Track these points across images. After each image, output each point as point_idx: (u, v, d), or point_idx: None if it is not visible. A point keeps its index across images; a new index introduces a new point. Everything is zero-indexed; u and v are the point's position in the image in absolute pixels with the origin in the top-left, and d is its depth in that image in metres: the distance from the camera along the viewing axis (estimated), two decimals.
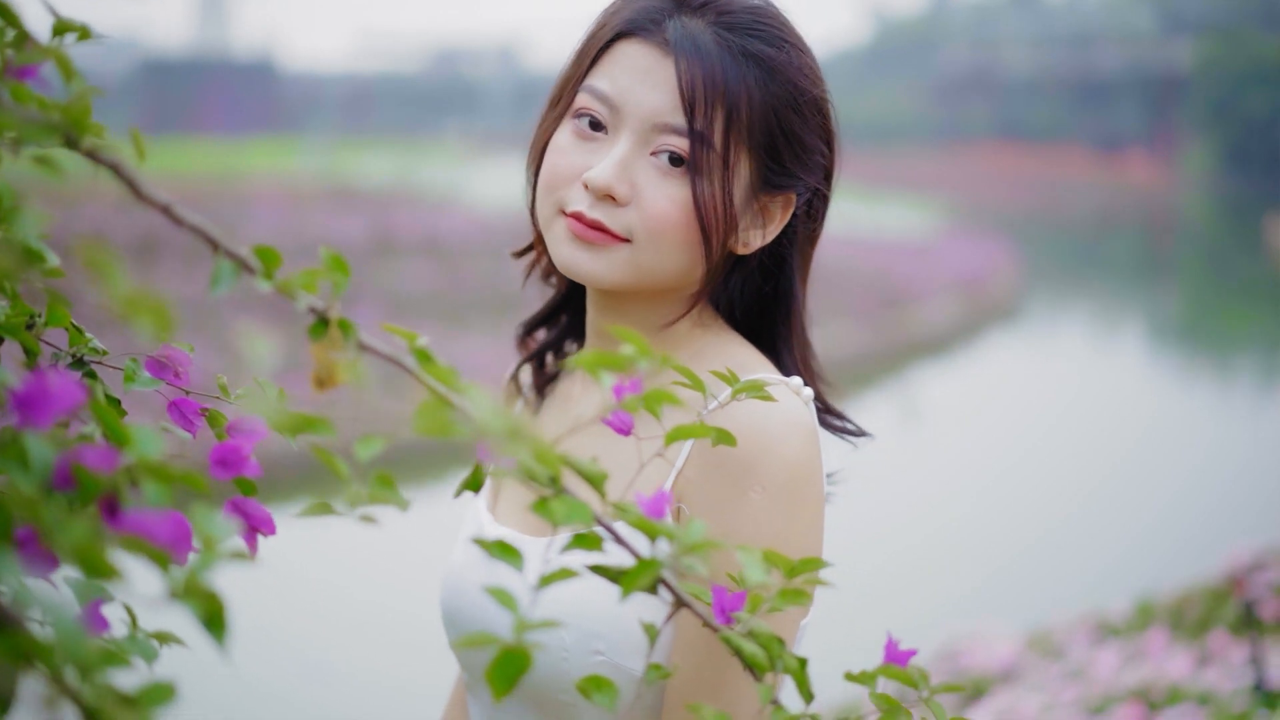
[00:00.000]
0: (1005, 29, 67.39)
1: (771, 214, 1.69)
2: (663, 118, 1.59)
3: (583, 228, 1.60)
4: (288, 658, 7.37)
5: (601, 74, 1.63)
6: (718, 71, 1.58)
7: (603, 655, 1.56)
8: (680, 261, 1.63)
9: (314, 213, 19.63)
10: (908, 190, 41.38)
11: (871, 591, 8.60)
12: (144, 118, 63.44)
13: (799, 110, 1.64)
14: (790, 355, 1.80)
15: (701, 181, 1.58)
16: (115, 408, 1.30)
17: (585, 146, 1.62)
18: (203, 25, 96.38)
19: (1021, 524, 10.16)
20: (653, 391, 1.13)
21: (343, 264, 1.10)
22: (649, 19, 1.61)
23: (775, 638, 1.15)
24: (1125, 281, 27.88)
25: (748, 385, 1.33)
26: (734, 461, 1.53)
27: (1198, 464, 12.21)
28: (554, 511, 1.09)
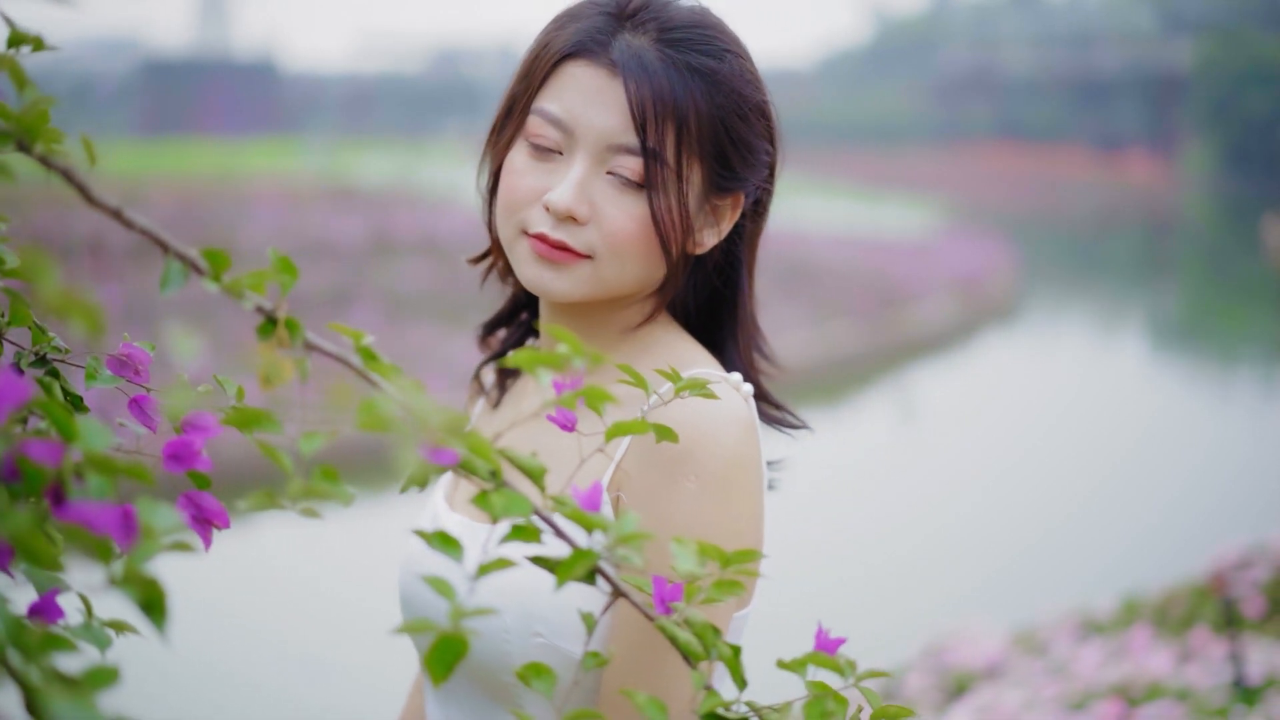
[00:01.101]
0: (1005, 29, 67.40)
1: (722, 214, 1.75)
2: (616, 138, 1.64)
3: (548, 248, 1.66)
4: (277, 654, 7.41)
5: (551, 96, 1.68)
6: (665, 89, 1.64)
7: (542, 638, 1.61)
8: (640, 271, 1.70)
9: (313, 213, 19.66)
10: (908, 190, 41.39)
11: (869, 591, 8.65)
12: (144, 118, 63.48)
13: (744, 117, 1.70)
14: (737, 348, 1.86)
15: (658, 196, 1.64)
16: (77, 405, 1.35)
17: (541, 168, 1.68)
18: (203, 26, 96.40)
19: (1019, 524, 10.20)
20: (590, 389, 1.18)
21: (290, 266, 1.14)
22: (593, 40, 1.67)
23: (710, 626, 1.19)
24: (1125, 281, 27.91)
25: (690, 383, 1.38)
26: (669, 453, 1.57)
27: (1196, 463, 12.25)
28: (493, 504, 1.14)
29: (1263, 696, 4.19)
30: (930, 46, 69.15)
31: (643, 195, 1.65)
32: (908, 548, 9.57)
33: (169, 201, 20.10)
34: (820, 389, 15.11)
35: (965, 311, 19.47)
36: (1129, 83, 56.96)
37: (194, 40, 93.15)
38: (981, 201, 39.55)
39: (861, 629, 7.61)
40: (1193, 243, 36.31)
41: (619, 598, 1.19)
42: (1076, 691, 4.50)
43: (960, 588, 8.67)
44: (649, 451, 1.58)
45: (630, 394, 1.60)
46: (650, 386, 1.37)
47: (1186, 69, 51.92)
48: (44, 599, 1.10)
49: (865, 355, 16.56)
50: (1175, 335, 22.16)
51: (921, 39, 71.58)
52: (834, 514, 10.45)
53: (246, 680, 7.09)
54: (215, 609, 8.05)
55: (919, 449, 12.82)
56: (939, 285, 19.66)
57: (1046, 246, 32.05)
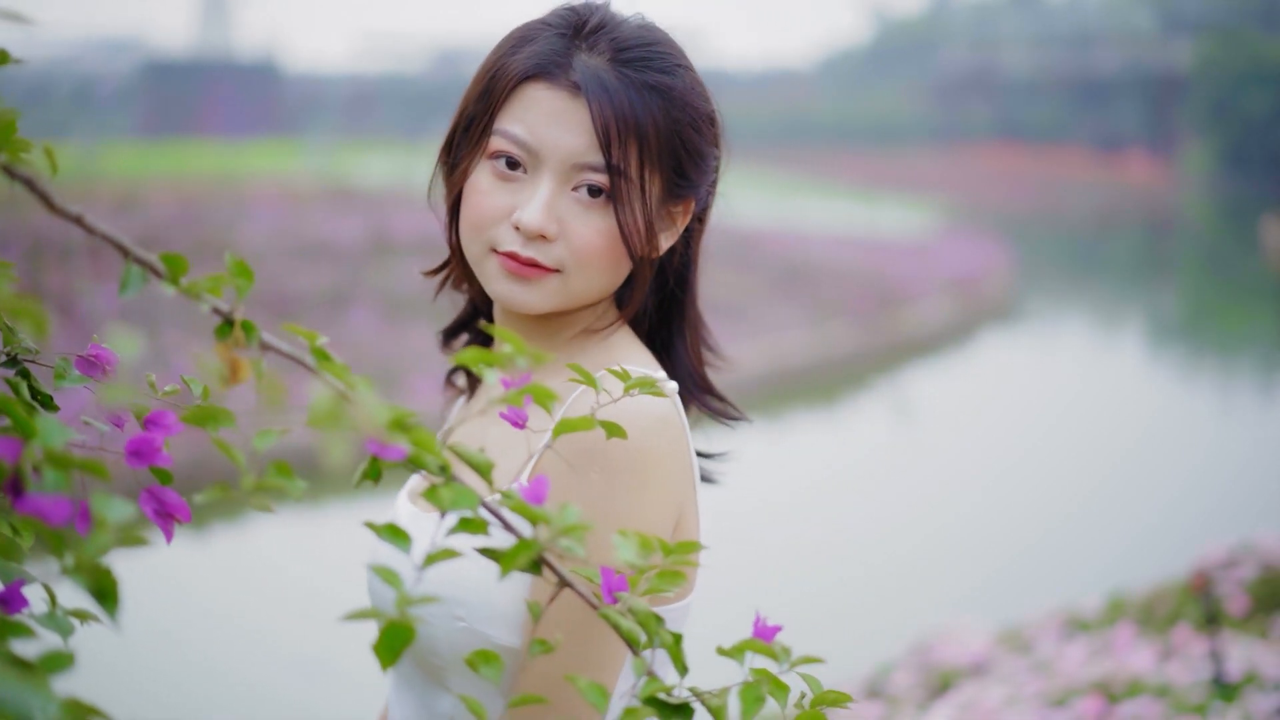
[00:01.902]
0: (1005, 29, 67.39)
1: (677, 218, 1.84)
2: (581, 157, 1.72)
3: (518, 266, 1.74)
4: (273, 654, 7.45)
5: (513, 118, 1.75)
6: (626, 108, 1.71)
7: (464, 622, 1.69)
8: (605, 282, 1.78)
9: (312, 214, 19.70)
10: (907, 190, 41.42)
11: (866, 590, 8.69)
12: (146, 119, 63.50)
13: (697, 128, 1.79)
14: (685, 343, 1.94)
15: (624, 210, 1.73)
16: (47, 403, 1.40)
17: (506, 187, 1.75)
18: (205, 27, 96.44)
19: (1016, 524, 10.24)
20: (534, 387, 1.23)
21: (246, 270, 1.19)
22: (552, 62, 1.74)
23: (653, 615, 1.24)
24: (1124, 281, 27.94)
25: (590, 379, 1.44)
26: (578, 446, 1.63)
27: (1195, 463, 12.28)
28: (442, 498, 1.19)
29: (1241, 693, 4.24)
30: (930, 47, 69.14)
31: (608, 210, 1.73)
32: (905, 548, 9.61)
33: (168, 202, 20.13)
34: (817, 389, 15.16)
35: (963, 312, 19.51)
36: (1128, 83, 56.95)
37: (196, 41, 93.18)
38: (981, 202, 39.58)
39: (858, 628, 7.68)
40: (1192, 243, 36.34)
41: (564, 587, 1.25)
42: (1058, 688, 4.54)
43: (957, 588, 8.72)
44: (562, 446, 1.63)
45: (562, 391, 1.68)
46: (599, 384, 1.44)
47: (1186, 69, 51.92)
48: (8, 589, 1.15)
49: (862, 355, 16.61)
50: (1174, 335, 22.19)
51: (921, 39, 71.57)
52: (831, 514, 10.50)
53: (243, 680, 7.13)
54: (211, 610, 8.09)
55: (916, 449, 12.86)
56: (937, 285, 19.70)
57: (1046, 247, 32.09)
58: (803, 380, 15.34)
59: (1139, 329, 22.52)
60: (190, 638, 7.70)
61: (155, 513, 1.27)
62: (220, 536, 9.44)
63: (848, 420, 14.39)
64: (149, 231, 17.19)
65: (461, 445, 1.22)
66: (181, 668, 7.33)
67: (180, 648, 7.57)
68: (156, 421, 1.25)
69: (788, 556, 9.43)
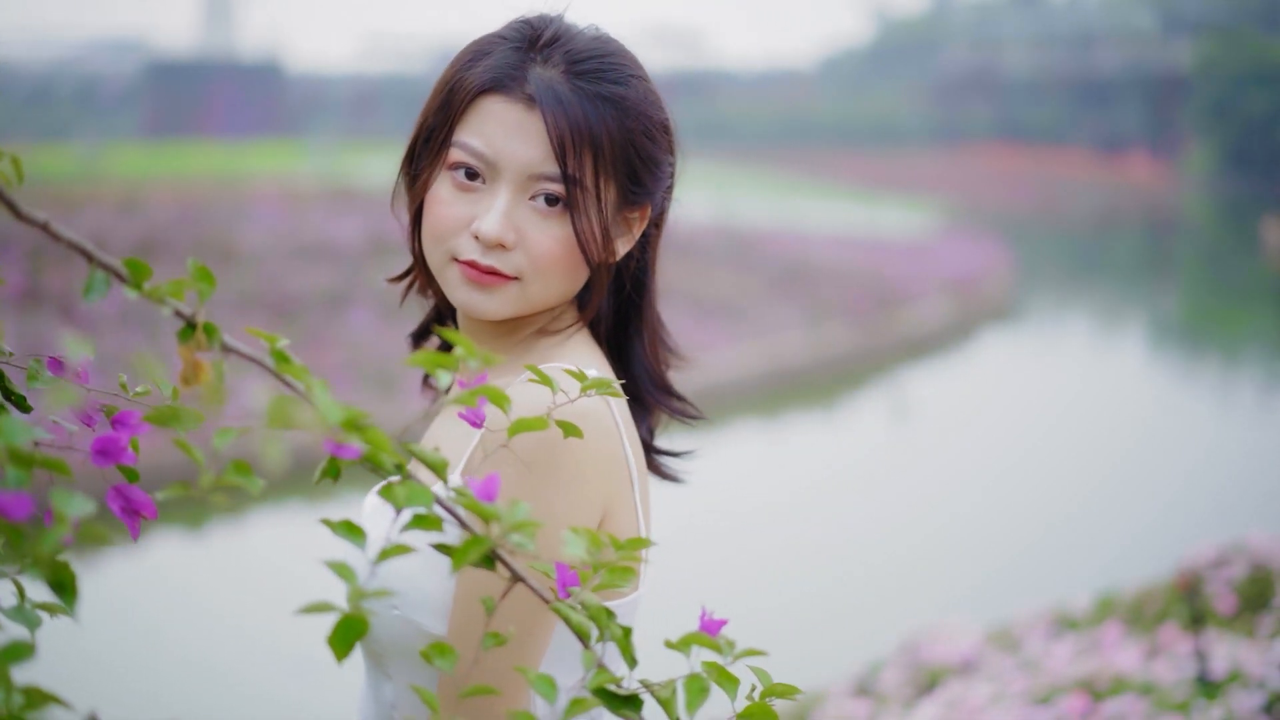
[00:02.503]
0: (1006, 29, 67.32)
1: (633, 224, 1.90)
2: (538, 168, 1.78)
3: (478, 274, 1.80)
4: (269, 654, 7.47)
5: (471, 130, 1.81)
6: (580, 119, 1.77)
7: (398, 611, 1.75)
8: (563, 288, 1.85)
9: (312, 214, 19.74)
10: (907, 191, 41.44)
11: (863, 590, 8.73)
12: (150, 120, 63.54)
13: (651, 136, 1.86)
14: (643, 344, 2.00)
15: (580, 219, 1.79)
16: (21, 404, 1.44)
17: (466, 198, 1.81)
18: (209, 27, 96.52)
19: (1014, 524, 10.27)
20: (487, 388, 1.28)
21: (208, 274, 1.23)
22: (508, 75, 1.80)
23: (604, 610, 1.28)
24: (1125, 282, 27.96)
25: (542, 376, 1.49)
26: (499, 439, 1.66)
27: (1196, 463, 12.32)
28: (397, 495, 1.23)
29: (1224, 691, 4.27)
30: (931, 47, 69.13)
31: (564, 218, 1.79)
32: (902, 548, 9.64)
33: (169, 203, 20.17)
34: (815, 389, 15.20)
35: (961, 312, 19.53)
36: (1129, 83, 56.96)
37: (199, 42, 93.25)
38: (981, 202, 39.60)
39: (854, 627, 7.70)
40: (1193, 243, 36.37)
41: (516, 582, 1.29)
42: (1043, 686, 4.57)
43: (954, 587, 8.75)
44: (487, 439, 1.69)
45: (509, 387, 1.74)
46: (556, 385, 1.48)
47: (1187, 69, 51.94)
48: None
49: (860, 356, 16.65)
50: (1175, 335, 22.22)
51: (922, 39, 71.55)
52: (829, 514, 10.54)
53: (240, 680, 7.16)
54: (209, 609, 8.12)
55: (914, 450, 12.89)
56: (935, 286, 19.73)
57: (1046, 247, 32.13)
58: (801, 380, 15.37)
59: (1139, 329, 22.55)
60: (188, 637, 7.73)
61: (122, 510, 1.31)
62: (216, 536, 9.49)
63: (846, 421, 14.43)
64: (150, 232, 17.24)
65: (415, 445, 1.26)
66: (179, 668, 7.37)
67: (178, 648, 7.61)
68: (123, 421, 1.29)
69: (785, 556, 9.47)
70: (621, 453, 1.81)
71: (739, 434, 13.39)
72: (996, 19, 69.60)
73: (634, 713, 1.28)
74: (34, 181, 26.40)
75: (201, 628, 7.83)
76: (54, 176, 27.29)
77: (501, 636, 1.32)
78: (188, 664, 7.33)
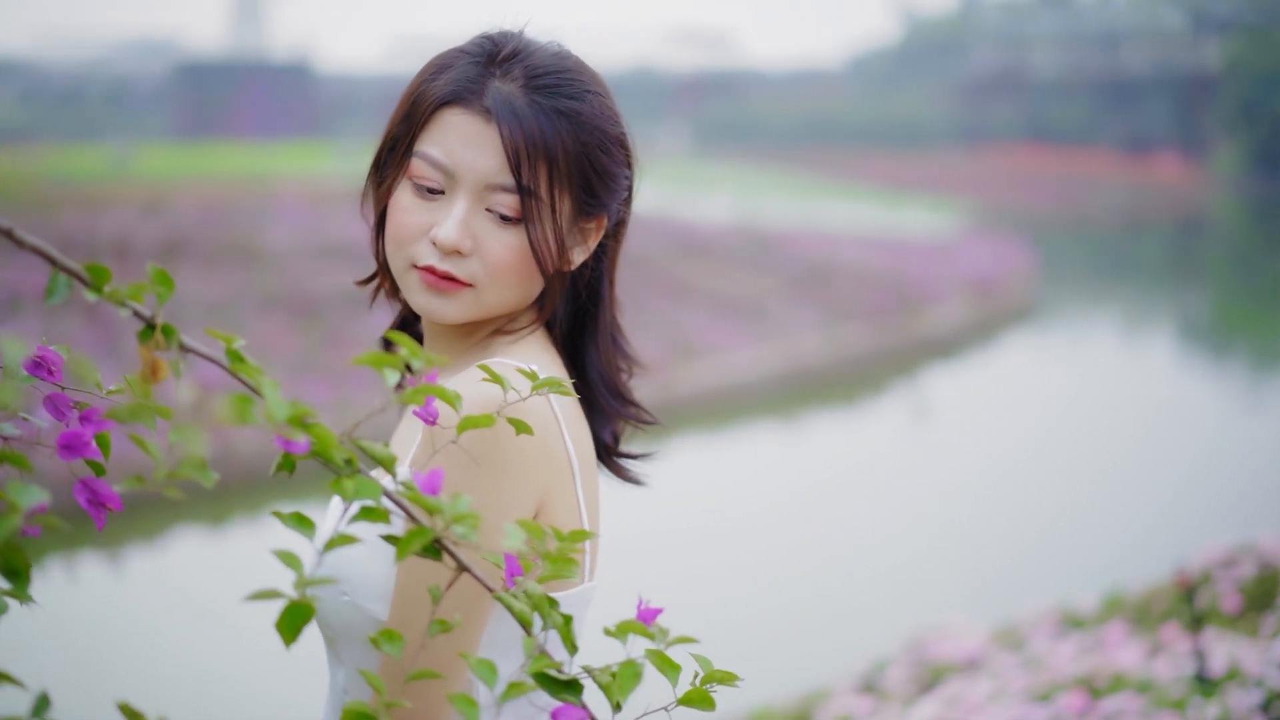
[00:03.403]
0: (1035, 28, 67.12)
1: (589, 234, 1.98)
2: (493, 178, 1.86)
3: (435, 279, 1.88)
4: (267, 654, 7.48)
5: (432, 141, 1.89)
6: (535, 132, 1.85)
7: (348, 598, 1.83)
8: (519, 294, 1.93)
9: (337, 215, 19.86)
10: (932, 192, 41.40)
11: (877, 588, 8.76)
12: (180, 121, 63.83)
13: (606, 150, 1.93)
14: (597, 350, 2.07)
15: (534, 228, 1.87)
16: None
17: (426, 206, 1.89)
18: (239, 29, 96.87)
19: (1030, 522, 10.28)
20: (433, 386, 1.34)
21: (166, 278, 1.29)
22: (467, 89, 1.88)
23: (546, 598, 1.35)
24: (1153, 283, 27.86)
25: (494, 375, 1.56)
26: (439, 433, 1.77)
27: (1220, 462, 12.29)
28: (345, 488, 1.30)
29: (1221, 689, 4.31)
30: (959, 46, 69.05)
31: (519, 228, 1.87)
32: (919, 545, 9.67)
33: (194, 204, 20.31)
34: (834, 390, 15.23)
35: (982, 313, 19.52)
36: (1157, 83, 56.82)
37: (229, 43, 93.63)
38: (1006, 203, 39.53)
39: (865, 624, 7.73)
40: (1221, 243, 36.25)
41: (462, 571, 1.35)
42: (1043, 683, 4.61)
43: (968, 585, 8.78)
44: (428, 435, 1.79)
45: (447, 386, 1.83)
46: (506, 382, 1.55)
47: (1215, 69, 51.79)
48: None
49: (879, 356, 16.66)
50: (1203, 336, 22.16)
51: (951, 39, 71.45)
52: (841, 514, 10.57)
53: (238, 680, 7.17)
54: (205, 610, 8.14)
55: (932, 450, 12.91)
56: (956, 286, 19.71)
57: (1071, 248, 32.06)
58: (820, 381, 15.40)
59: (1167, 330, 22.49)
60: (184, 638, 7.75)
61: (88, 502, 1.38)
62: (212, 537, 9.54)
63: (864, 421, 14.45)
64: (174, 233, 17.35)
65: (364, 440, 1.32)
66: (174, 669, 7.40)
67: (172, 648, 7.62)
68: (88, 418, 1.35)
69: (799, 554, 9.52)
70: (561, 447, 1.88)
71: (756, 434, 13.44)
72: (1025, 18, 69.36)
73: (574, 697, 1.34)
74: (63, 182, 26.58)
75: (200, 630, 7.85)
76: (83, 177, 27.47)
77: (448, 623, 1.38)
78: (185, 666, 7.35)
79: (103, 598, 8.52)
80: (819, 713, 5.18)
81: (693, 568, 9.21)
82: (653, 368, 2.25)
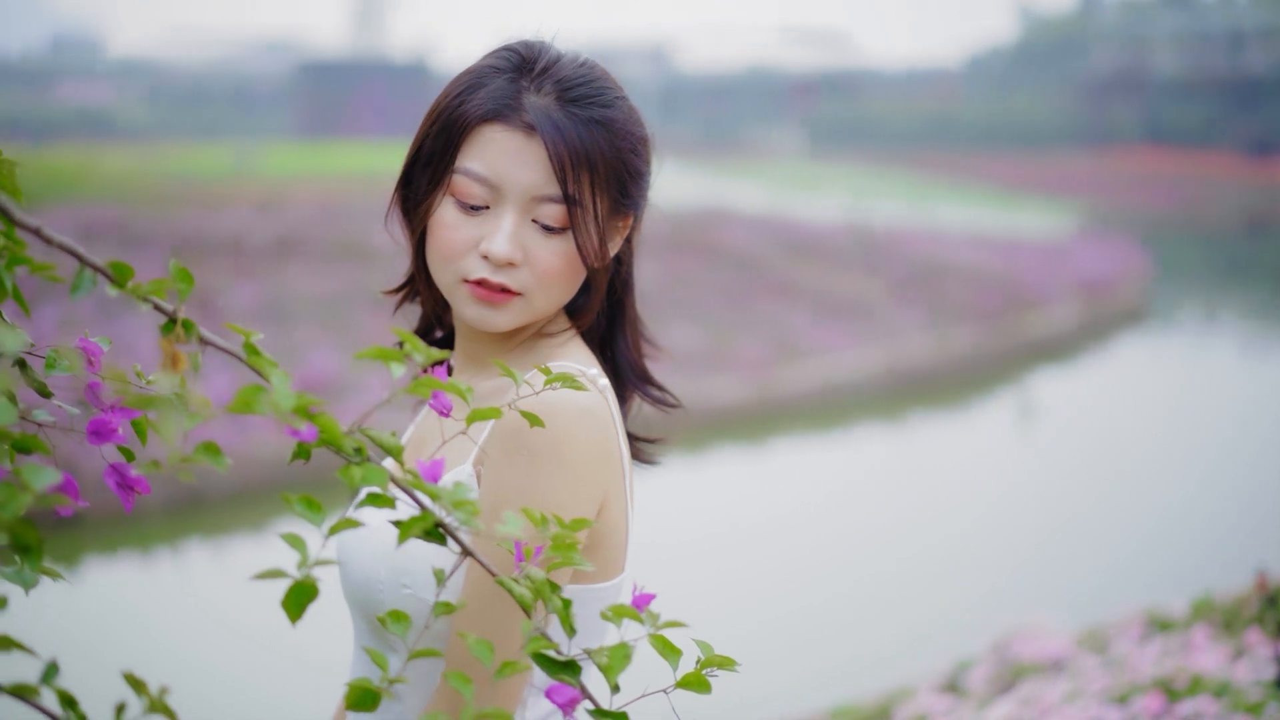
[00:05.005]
0: (1156, 28, 66.16)
1: (618, 230, 2.06)
2: (539, 190, 1.94)
3: (488, 292, 1.97)
4: (268, 656, 7.52)
5: (473, 157, 1.96)
6: (576, 143, 1.93)
7: (409, 589, 1.91)
8: (564, 297, 2.02)
9: None
10: (1049, 194, 40.99)
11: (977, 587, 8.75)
12: (301, 120, 64.63)
13: (637, 152, 2.03)
14: (625, 338, 2.17)
15: (581, 234, 1.95)
16: (41, 390, 1.59)
17: (470, 221, 1.97)
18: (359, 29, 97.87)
19: (1130, 527, 10.21)
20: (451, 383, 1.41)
21: (187, 275, 1.37)
22: (505, 104, 1.95)
23: (548, 582, 1.41)
24: (1274, 288, 27.39)
25: (560, 376, 1.62)
26: (511, 432, 1.87)
27: None
28: (353, 475, 1.37)
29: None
30: (1079, 46, 68.26)
31: (564, 235, 1.95)
32: (1016, 547, 9.63)
33: (310, 202, 20.59)
34: (939, 392, 15.17)
35: (1094, 316, 19.33)
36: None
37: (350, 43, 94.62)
38: (1124, 205, 39.03)
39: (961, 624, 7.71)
40: None
41: (466, 556, 1.42)
42: (1122, 685, 4.61)
43: (1061, 586, 8.73)
44: (499, 432, 1.87)
45: (504, 387, 1.96)
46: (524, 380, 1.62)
47: None
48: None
49: (986, 358, 16.57)
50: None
51: (1070, 38, 70.64)
52: (947, 514, 10.55)
53: (239, 682, 7.20)
54: (207, 613, 8.21)
55: (1038, 453, 12.84)
56: (1068, 288, 19.53)
57: (1191, 252, 31.63)
58: (926, 382, 15.35)
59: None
60: (182, 640, 7.78)
61: (117, 485, 1.46)
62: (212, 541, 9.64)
63: (971, 423, 14.38)
64: (288, 231, 17.61)
65: (372, 429, 1.39)
66: (175, 673, 7.44)
67: (172, 651, 7.64)
68: (116, 406, 1.44)
69: (901, 553, 9.52)
70: (617, 446, 1.96)
71: (860, 435, 13.43)
72: (1146, 18, 68.34)
73: (571, 677, 1.40)
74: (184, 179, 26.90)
75: (201, 632, 7.88)
76: (204, 175, 27.94)
77: (453, 606, 1.45)
78: (186, 669, 7.36)
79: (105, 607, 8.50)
80: (899, 710, 5.20)
81: (798, 563, 9.25)
82: (755, 367, 2.33)
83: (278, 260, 16.39)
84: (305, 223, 18.28)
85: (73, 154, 28.67)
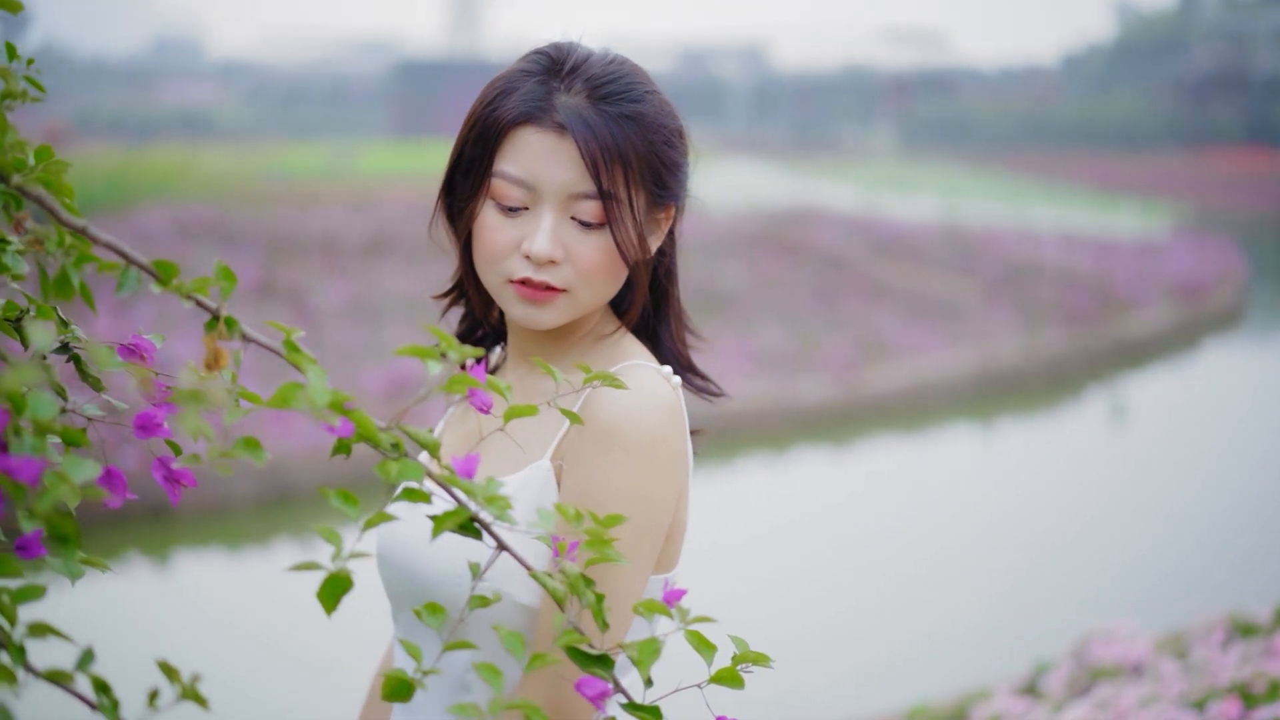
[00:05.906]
0: (1258, 26, 65.17)
1: (660, 223, 2.11)
2: (575, 188, 1.98)
3: (532, 291, 2.01)
4: (273, 659, 7.54)
5: (509, 160, 2.00)
6: (608, 139, 1.97)
7: (485, 582, 1.92)
8: (608, 291, 2.06)
9: None
10: (1146, 194, 40.52)
11: (1061, 589, 8.70)
12: (396, 119, 65.14)
13: (670, 144, 2.05)
14: (670, 330, 2.20)
15: (618, 228, 1.99)
16: (96, 385, 1.63)
17: (511, 222, 2.01)
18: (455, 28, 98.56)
19: (1216, 530, 10.11)
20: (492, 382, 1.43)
21: (230, 274, 1.40)
22: (537, 107, 1.99)
23: (582, 577, 1.43)
24: None
25: (600, 375, 1.65)
26: (602, 428, 1.92)
27: None
28: (389, 470, 1.39)
29: None
30: (1178, 44, 67.41)
31: (603, 230, 1.99)
32: (1099, 548, 9.56)
33: (402, 200, 20.78)
34: (1029, 393, 15.06)
35: (1187, 317, 19.10)
36: None
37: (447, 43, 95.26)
38: (1223, 207, 38.47)
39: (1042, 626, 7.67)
40: None
41: (501, 550, 1.45)
42: (1200, 689, 4.58)
43: (1143, 589, 8.66)
44: (586, 428, 1.91)
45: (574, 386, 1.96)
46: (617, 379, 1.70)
47: None
48: (28, 538, 1.38)
49: (1078, 360, 16.42)
50: None
51: (1169, 36, 69.77)
52: (1035, 515, 10.49)
53: (242, 687, 7.22)
54: (213, 618, 8.24)
55: (1129, 456, 12.73)
56: (1162, 290, 19.31)
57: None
58: (1016, 383, 15.25)
59: None
60: (183, 641, 7.80)
61: (164, 478, 1.50)
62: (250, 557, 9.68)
63: (1062, 425, 14.27)
64: (378, 229, 17.78)
65: (409, 425, 1.42)
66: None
67: (174, 655, 7.66)
68: (162, 401, 1.47)
69: (988, 553, 9.47)
70: (686, 445, 2.03)
71: (950, 436, 13.37)
72: (1247, 16, 67.37)
73: (605, 671, 1.43)
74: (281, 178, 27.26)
75: (205, 635, 7.90)
76: (300, 174, 28.25)
77: (488, 599, 1.48)
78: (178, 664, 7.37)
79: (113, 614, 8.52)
80: (975, 711, 5.19)
81: (886, 563, 9.24)
82: (843, 367, 2.36)
83: (370, 259, 16.56)
84: (397, 221, 18.44)
85: (172, 154, 29.05)
